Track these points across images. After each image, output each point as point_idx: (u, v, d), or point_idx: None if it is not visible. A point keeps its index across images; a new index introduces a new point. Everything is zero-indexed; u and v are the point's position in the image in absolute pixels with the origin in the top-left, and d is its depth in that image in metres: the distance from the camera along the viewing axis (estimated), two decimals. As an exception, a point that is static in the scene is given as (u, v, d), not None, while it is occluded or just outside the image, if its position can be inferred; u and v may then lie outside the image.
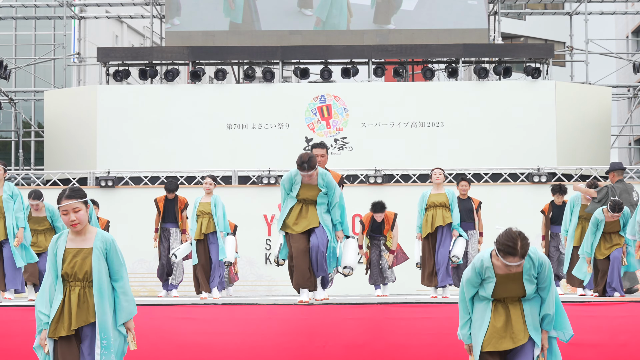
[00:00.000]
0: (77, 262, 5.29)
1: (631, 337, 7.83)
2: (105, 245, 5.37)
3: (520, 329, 5.34)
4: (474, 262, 5.42)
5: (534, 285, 5.37)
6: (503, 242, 5.19)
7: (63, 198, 5.30)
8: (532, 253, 5.34)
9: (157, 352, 7.85)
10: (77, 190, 5.36)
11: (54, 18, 23.91)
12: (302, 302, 8.41)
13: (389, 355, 7.81)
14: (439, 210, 11.01)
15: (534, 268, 5.35)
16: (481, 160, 18.54)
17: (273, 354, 7.83)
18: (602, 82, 22.92)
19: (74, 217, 5.29)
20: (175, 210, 13.01)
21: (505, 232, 5.22)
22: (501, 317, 5.36)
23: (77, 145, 19.66)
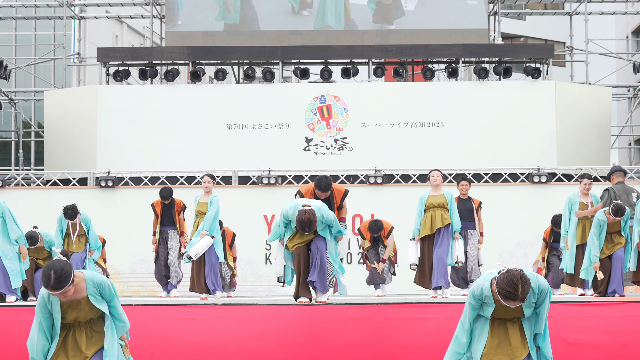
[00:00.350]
0: (75, 313, 5.36)
1: (631, 337, 7.83)
2: (98, 289, 5.41)
3: (519, 346, 5.33)
4: (473, 289, 5.35)
5: (532, 308, 5.36)
6: (504, 287, 5.09)
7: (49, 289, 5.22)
8: (532, 283, 5.24)
9: (157, 352, 7.85)
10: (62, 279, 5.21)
11: (54, 18, 23.91)
12: (302, 303, 8.42)
13: (389, 355, 7.81)
14: (437, 211, 10.98)
15: (534, 296, 5.31)
16: (481, 160, 18.55)
17: (273, 354, 7.83)
18: (602, 82, 22.92)
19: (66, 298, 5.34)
20: (172, 213, 13.00)
21: (506, 275, 5.09)
22: (498, 335, 5.35)
23: (77, 145, 19.66)
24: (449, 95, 19.57)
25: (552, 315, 7.80)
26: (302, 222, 8.51)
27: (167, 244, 12.97)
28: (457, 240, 10.98)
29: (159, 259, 12.99)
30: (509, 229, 15.36)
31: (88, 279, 5.39)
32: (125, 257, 15.67)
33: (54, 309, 5.34)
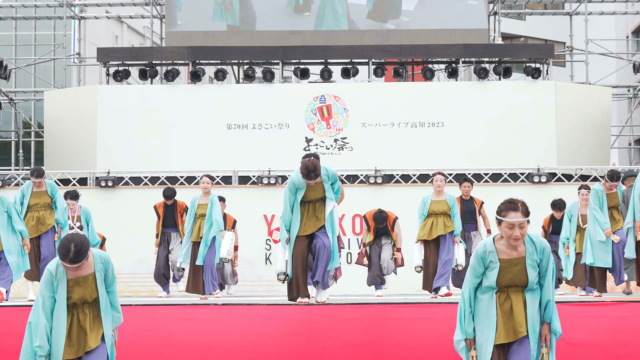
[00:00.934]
0: (82, 290, 5.35)
1: (631, 337, 7.83)
2: (104, 266, 5.44)
3: (522, 322, 5.32)
4: (477, 249, 5.41)
5: (537, 272, 5.35)
6: (504, 202, 5.30)
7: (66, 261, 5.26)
8: (534, 237, 5.37)
9: (157, 352, 7.85)
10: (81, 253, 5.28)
11: (54, 18, 23.91)
12: (302, 303, 8.41)
13: (389, 355, 7.81)
14: (440, 218, 11.01)
15: (537, 253, 5.35)
16: (481, 160, 18.55)
17: (273, 354, 7.83)
18: (602, 82, 22.92)
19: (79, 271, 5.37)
20: (175, 215, 13.00)
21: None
22: (506, 309, 5.35)
23: (77, 145, 19.66)
24: (449, 95, 19.57)
25: (552, 315, 7.81)
26: (307, 168, 8.40)
27: (169, 246, 12.99)
28: (457, 244, 11.03)
29: (159, 259, 13.00)
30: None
31: (96, 254, 5.42)
32: (125, 257, 15.66)
33: (60, 287, 5.30)
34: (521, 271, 5.33)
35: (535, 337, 5.36)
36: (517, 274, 5.33)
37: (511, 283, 5.35)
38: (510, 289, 5.37)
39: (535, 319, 5.37)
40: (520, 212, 5.25)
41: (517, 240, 5.29)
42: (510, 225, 5.27)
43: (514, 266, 5.32)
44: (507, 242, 5.35)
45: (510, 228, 5.28)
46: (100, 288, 5.38)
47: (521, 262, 5.33)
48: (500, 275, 5.33)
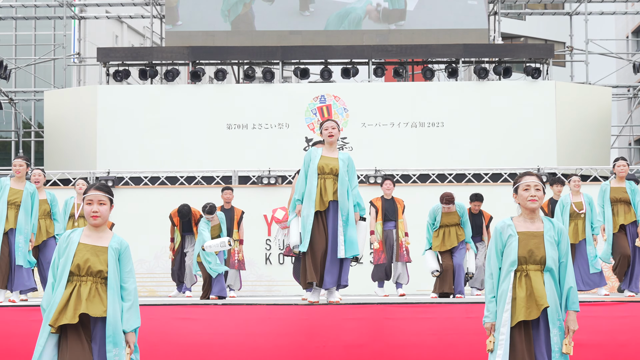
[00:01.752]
0: (90, 258, 5.26)
1: (631, 337, 7.83)
2: (120, 247, 5.37)
3: (543, 295, 5.34)
4: (496, 227, 5.53)
5: (556, 252, 5.41)
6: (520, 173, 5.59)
7: (92, 188, 5.33)
8: (551, 219, 5.53)
9: (157, 352, 7.85)
10: (106, 186, 5.42)
11: (54, 18, 23.91)
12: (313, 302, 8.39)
13: (389, 355, 7.81)
14: (452, 229, 11.16)
15: (554, 230, 5.46)
16: (481, 160, 18.55)
17: (273, 354, 7.83)
18: (602, 82, 22.92)
19: (96, 208, 5.30)
20: (190, 225, 13.16)
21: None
22: (526, 286, 5.37)
23: (77, 145, 19.66)
24: (449, 95, 19.57)
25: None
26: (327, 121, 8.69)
27: (183, 249, 13.21)
28: (468, 251, 11.18)
29: (175, 261, 13.23)
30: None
31: (116, 235, 5.39)
32: (125, 257, 15.67)
33: (69, 249, 5.24)
34: (539, 244, 5.40)
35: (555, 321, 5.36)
36: (536, 247, 5.39)
37: (530, 258, 5.39)
38: (529, 267, 5.40)
39: (555, 302, 5.38)
40: (535, 176, 5.52)
41: (534, 200, 5.45)
42: (526, 187, 5.47)
43: (532, 238, 5.41)
44: (524, 205, 5.48)
45: (527, 189, 5.47)
46: (111, 265, 5.29)
47: (539, 235, 5.42)
48: (520, 247, 5.39)
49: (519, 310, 5.34)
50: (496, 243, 5.50)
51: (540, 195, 5.46)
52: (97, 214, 5.31)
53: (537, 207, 5.47)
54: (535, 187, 5.46)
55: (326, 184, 8.50)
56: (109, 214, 5.37)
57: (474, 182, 17.02)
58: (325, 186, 8.49)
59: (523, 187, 5.48)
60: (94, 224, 5.34)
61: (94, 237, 5.34)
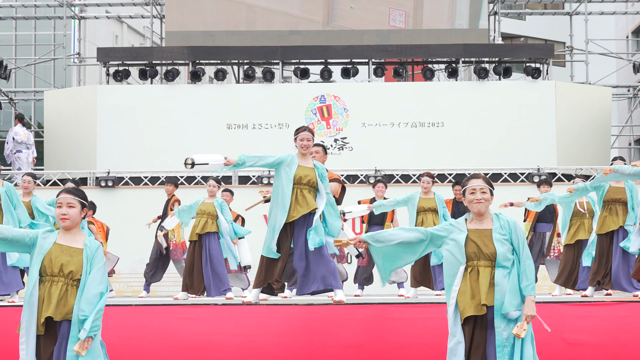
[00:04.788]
0: (64, 258, 5.29)
1: (631, 337, 7.82)
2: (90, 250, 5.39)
3: (485, 291, 5.40)
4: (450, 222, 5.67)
5: (506, 247, 5.45)
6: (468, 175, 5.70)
7: (63, 191, 5.41)
8: (499, 214, 5.60)
9: (157, 352, 7.85)
10: (79, 190, 5.47)
11: (54, 18, 23.91)
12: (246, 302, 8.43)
13: (389, 355, 7.81)
14: (429, 215, 11.12)
15: (502, 228, 5.51)
16: (481, 160, 18.55)
17: (273, 354, 7.82)
18: (602, 82, 22.92)
19: (65, 211, 5.34)
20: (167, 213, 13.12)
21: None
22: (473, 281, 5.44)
23: (77, 145, 19.66)
24: (449, 95, 19.56)
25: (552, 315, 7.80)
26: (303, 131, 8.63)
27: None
28: None
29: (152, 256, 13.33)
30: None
31: (89, 238, 5.44)
32: (125, 257, 15.65)
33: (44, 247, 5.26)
34: (489, 240, 5.44)
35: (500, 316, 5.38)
36: (484, 244, 5.44)
37: (480, 253, 5.45)
38: (479, 262, 5.45)
39: (504, 296, 5.38)
40: (482, 179, 5.60)
41: (479, 202, 5.52)
42: (472, 190, 5.55)
43: (481, 235, 5.47)
44: (470, 208, 5.55)
45: (472, 193, 5.55)
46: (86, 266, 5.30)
47: (488, 233, 5.48)
48: (468, 243, 5.47)
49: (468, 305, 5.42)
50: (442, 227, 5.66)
51: (487, 198, 5.55)
52: (66, 216, 5.35)
53: (483, 210, 5.55)
54: (480, 191, 5.55)
55: (304, 193, 8.43)
56: (80, 217, 5.40)
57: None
58: (303, 196, 8.41)
59: (469, 190, 5.57)
60: (63, 226, 5.39)
61: (68, 239, 5.38)
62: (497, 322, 5.38)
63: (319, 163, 8.67)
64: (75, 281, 5.30)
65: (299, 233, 8.45)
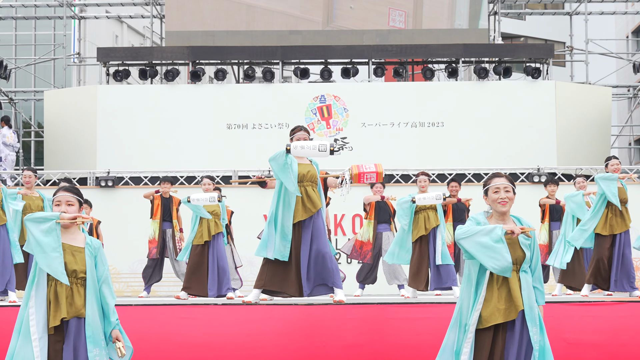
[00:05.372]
0: (67, 258, 5.28)
1: (631, 337, 7.83)
2: (93, 250, 5.40)
3: (518, 297, 5.27)
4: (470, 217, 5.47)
5: (529, 253, 5.35)
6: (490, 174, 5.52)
7: (60, 190, 5.38)
8: (521, 219, 5.46)
9: (157, 352, 7.85)
10: (75, 187, 5.48)
11: (54, 18, 23.90)
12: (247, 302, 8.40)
13: (389, 355, 7.81)
14: (431, 212, 11.12)
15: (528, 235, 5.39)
16: (481, 160, 18.55)
17: (273, 354, 7.82)
18: (602, 82, 22.91)
19: (64, 209, 5.32)
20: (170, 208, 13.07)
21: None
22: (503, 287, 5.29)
23: (77, 145, 19.66)
24: (449, 95, 19.56)
25: (552, 315, 7.81)
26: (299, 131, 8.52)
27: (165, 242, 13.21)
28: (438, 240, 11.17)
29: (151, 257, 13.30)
30: (509, 229, 15.41)
31: (88, 237, 5.43)
32: (125, 257, 15.67)
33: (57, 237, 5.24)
34: (516, 244, 5.32)
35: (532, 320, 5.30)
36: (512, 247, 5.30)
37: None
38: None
39: (531, 300, 5.32)
40: (505, 178, 5.46)
41: (504, 203, 5.38)
42: (496, 189, 5.40)
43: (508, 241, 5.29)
44: (494, 208, 5.41)
45: (496, 192, 5.40)
46: (89, 265, 5.31)
47: (515, 240, 5.33)
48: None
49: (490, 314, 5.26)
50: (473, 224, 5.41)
51: (511, 197, 5.41)
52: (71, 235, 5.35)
53: (507, 209, 5.42)
54: (504, 189, 5.40)
55: (307, 192, 8.42)
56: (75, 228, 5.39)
57: (474, 182, 17.01)
58: (307, 195, 8.40)
59: (493, 189, 5.42)
60: (63, 224, 5.35)
61: (68, 238, 5.35)
62: (530, 326, 5.27)
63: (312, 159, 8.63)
64: (80, 279, 5.30)
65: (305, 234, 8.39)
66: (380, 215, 12.43)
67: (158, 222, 13.14)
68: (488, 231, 5.25)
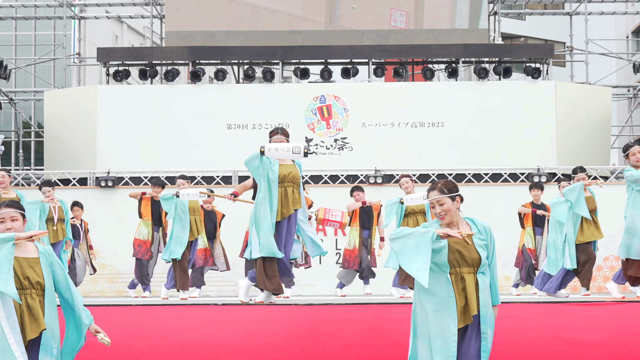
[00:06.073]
0: (27, 271, 5.28)
1: (631, 337, 7.82)
2: (47, 257, 5.41)
3: (474, 301, 5.22)
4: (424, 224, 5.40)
5: (485, 253, 5.30)
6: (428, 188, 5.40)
7: (2, 207, 5.40)
8: (474, 220, 5.39)
9: (157, 352, 7.85)
10: (17, 202, 5.51)
11: (54, 18, 23.91)
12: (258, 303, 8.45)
13: (389, 355, 7.81)
14: (420, 217, 11.11)
15: (481, 233, 5.33)
16: (481, 160, 18.55)
17: (273, 354, 7.82)
18: (602, 82, 22.92)
19: (10, 225, 5.35)
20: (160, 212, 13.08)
21: None
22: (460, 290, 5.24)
23: (77, 145, 19.66)
24: (449, 95, 19.56)
25: (552, 315, 7.81)
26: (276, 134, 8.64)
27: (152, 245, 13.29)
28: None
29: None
30: (508, 229, 15.34)
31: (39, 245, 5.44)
32: (125, 257, 15.64)
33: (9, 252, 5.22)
34: (473, 251, 5.25)
35: (486, 322, 5.27)
36: (468, 252, 5.25)
37: (462, 261, 5.25)
38: (462, 269, 5.26)
39: (487, 302, 5.29)
40: (437, 190, 5.33)
41: (442, 217, 5.30)
42: (431, 204, 5.34)
43: (462, 241, 5.23)
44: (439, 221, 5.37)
45: (432, 207, 5.33)
46: (47, 273, 5.32)
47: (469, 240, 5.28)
48: (450, 251, 5.23)
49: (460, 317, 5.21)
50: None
51: (447, 209, 5.29)
52: (12, 230, 5.36)
53: (447, 222, 5.32)
54: (438, 203, 5.31)
55: (287, 193, 8.48)
56: (23, 228, 5.42)
57: (474, 182, 17.02)
58: (286, 195, 8.47)
59: (430, 205, 5.36)
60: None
61: (20, 251, 5.33)
62: (484, 329, 5.26)
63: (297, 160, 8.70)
64: (42, 291, 5.34)
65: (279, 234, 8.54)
66: (364, 221, 12.42)
67: (150, 223, 13.16)
68: (419, 234, 5.15)
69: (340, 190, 15.50)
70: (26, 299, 5.27)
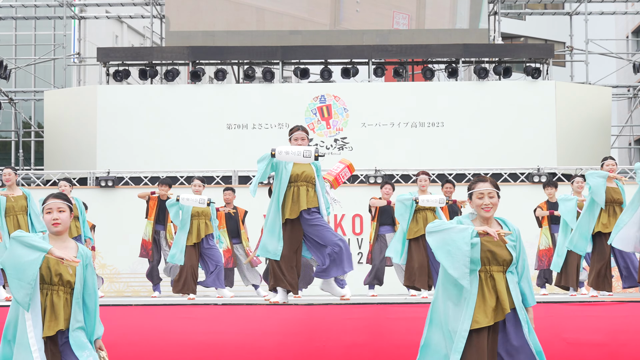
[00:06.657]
0: (61, 267, 5.25)
1: (631, 337, 7.82)
2: (86, 259, 5.39)
3: (506, 299, 5.20)
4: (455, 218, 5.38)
5: (515, 254, 5.28)
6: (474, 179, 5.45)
7: (50, 197, 5.43)
8: (505, 220, 5.42)
9: (157, 352, 7.85)
10: (65, 195, 5.51)
11: (54, 18, 23.91)
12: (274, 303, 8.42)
13: (389, 355, 7.81)
14: (429, 213, 11.11)
15: (513, 235, 5.32)
16: (481, 160, 18.55)
17: (273, 353, 7.82)
18: (602, 82, 22.92)
19: (56, 216, 5.33)
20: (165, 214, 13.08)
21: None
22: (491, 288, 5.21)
23: (77, 145, 19.66)
24: (449, 95, 19.57)
25: (552, 315, 7.81)
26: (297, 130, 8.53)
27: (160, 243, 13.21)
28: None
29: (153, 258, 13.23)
30: (509, 229, 15.42)
31: (80, 246, 5.44)
32: (125, 257, 15.67)
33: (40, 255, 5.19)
34: (503, 251, 5.24)
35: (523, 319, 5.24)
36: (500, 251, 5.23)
37: (493, 259, 5.23)
38: (492, 267, 5.24)
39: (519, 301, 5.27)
40: (490, 183, 5.41)
41: (488, 209, 5.32)
42: (480, 195, 5.35)
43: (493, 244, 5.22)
44: (479, 213, 5.34)
45: (480, 197, 5.34)
46: (80, 274, 5.30)
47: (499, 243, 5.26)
48: (482, 249, 5.21)
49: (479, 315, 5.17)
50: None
51: (495, 202, 5.34)
52: (58, 221, 5.34)
53: (491, 215, 5.34)
54: (488, 195, 5.35)
55: (300, 192, 8.47)
56: (69, 221, 5.40)
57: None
58: (299, 195, 8.46)
59: (477, 194, 5.36)
60: (55, 231, 5.35)
61: (60, 246, 5.31)
62: (522, 316, 5.23)
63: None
64: (71, 290, 5.30)
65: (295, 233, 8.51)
66: (383, 217, 12.42)
67: (152, 222, 13.15)
68: (459, 230, 5.17)
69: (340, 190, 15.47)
70: (52, 296, 5.23)
